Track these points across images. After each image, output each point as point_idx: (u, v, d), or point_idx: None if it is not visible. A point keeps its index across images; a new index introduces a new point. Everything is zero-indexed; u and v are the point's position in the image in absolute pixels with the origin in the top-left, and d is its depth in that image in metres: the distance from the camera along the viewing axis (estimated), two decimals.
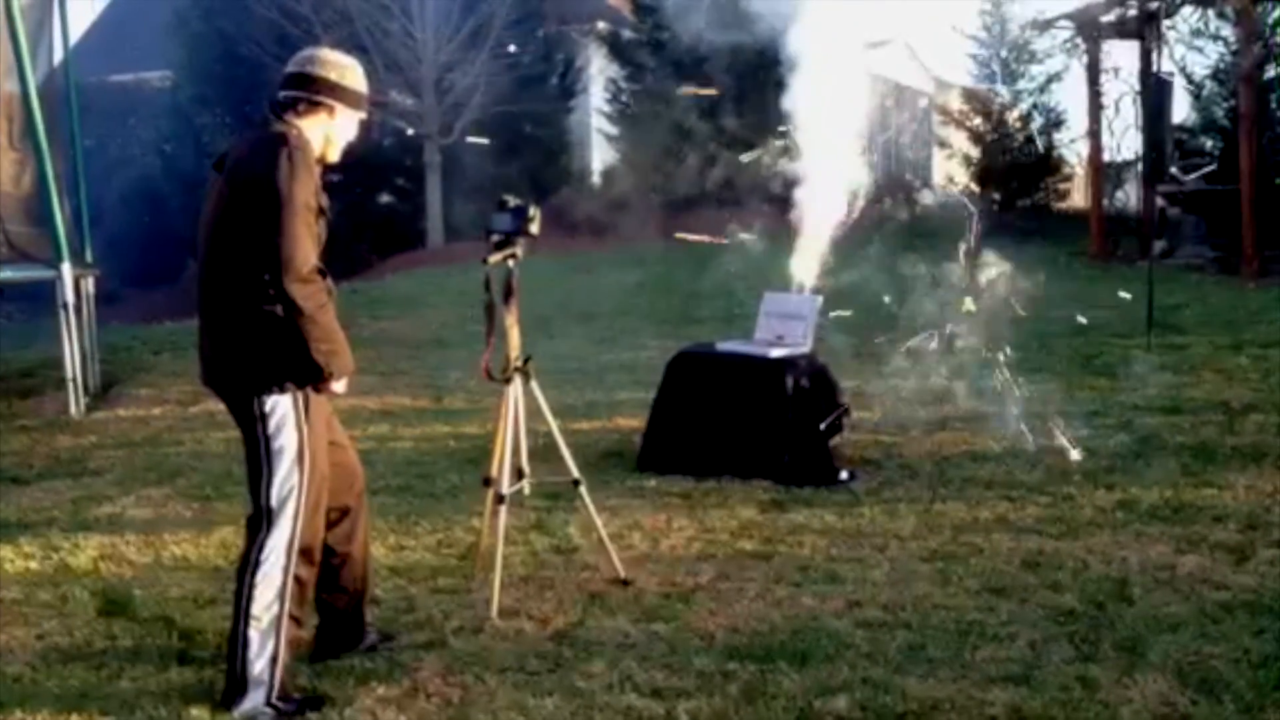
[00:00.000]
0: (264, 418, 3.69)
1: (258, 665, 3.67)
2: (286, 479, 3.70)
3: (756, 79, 15.77)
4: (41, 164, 9.33)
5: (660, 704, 3.72)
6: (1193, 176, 16.46)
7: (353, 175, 20.51)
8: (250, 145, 3.74)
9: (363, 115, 3.95)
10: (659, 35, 20.52)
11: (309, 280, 3.58)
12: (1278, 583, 4.66)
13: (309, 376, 3.68)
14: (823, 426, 6.43)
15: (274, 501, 3.70)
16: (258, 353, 3.66)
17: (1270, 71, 17.58)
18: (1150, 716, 3.57)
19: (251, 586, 3.67)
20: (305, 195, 3.59)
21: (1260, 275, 14.40)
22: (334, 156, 3.92)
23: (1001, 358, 7.38)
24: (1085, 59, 18.20)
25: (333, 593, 4.07)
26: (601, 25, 23.86)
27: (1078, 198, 23.32)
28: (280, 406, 3.68)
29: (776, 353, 6.64)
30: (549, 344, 11.04)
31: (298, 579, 3.74)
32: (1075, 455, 6.57)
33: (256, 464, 3.73)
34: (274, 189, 3.54)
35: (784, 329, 6.80)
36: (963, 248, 8.27)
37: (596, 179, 23.36)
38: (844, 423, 6.83)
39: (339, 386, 3.79)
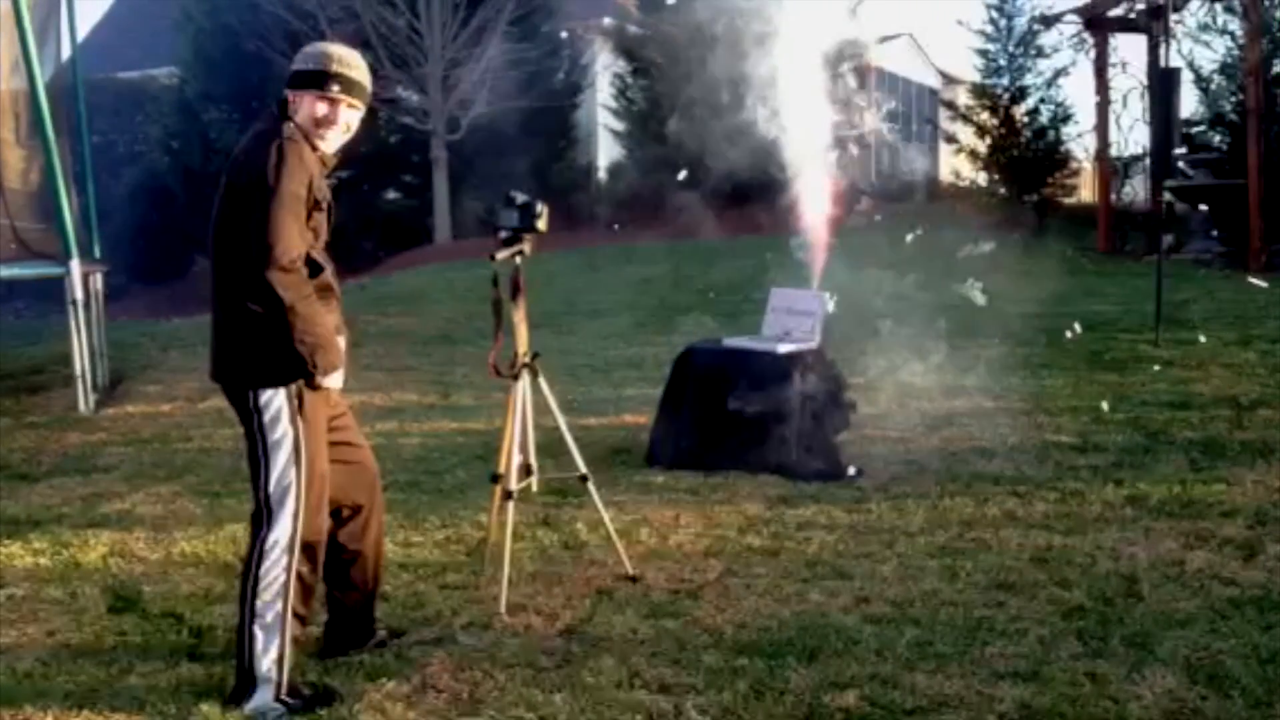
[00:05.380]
0: (259, 411, 3.69)
1: (264, 662, 3.68)
2: (284, 474, 3.70)
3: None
4: (49, 160, 9.35)
5: (669, 700, 3.72)
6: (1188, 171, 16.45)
7: (360, 172, 20.53)
8: (247, 139, 3.76)
9: (362, 110, 3.91)
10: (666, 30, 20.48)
11: (290, 270, 3.56)
12: None
13: (298, 370, 3.67)
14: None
15: (273, 495, 3.70)
16: (253, 346, 3.67)
17: (1278, 66, 17.53)
18: (1159, 712, 3.57)
19: (255, 584, 3.68)
20: (294, 186, 3.57)
21: (1267, 269, 14.37)
22: (330, 149, 3.87)
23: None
24: (1092, 54, 18.18)
25: (344, 590, 4.08)
26: (607, 21, 23.85)
27: (1085, 193, 23.29)
28: (275, 400, 3.68)
29: (784, 348, 6.64)
30: (557, 340, 11.05)
31: (300, 576, 3.75)
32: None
33: (255, 459, 3.74)
34: (263, 178, 3.55)
35: (792, 324, 6.80)
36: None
37: (603, 175, 23.36)
38: (851, 418, 6.83)
39: (330, 382, 3.76)
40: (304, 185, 3.62)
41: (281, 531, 3.70)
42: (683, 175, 8.54)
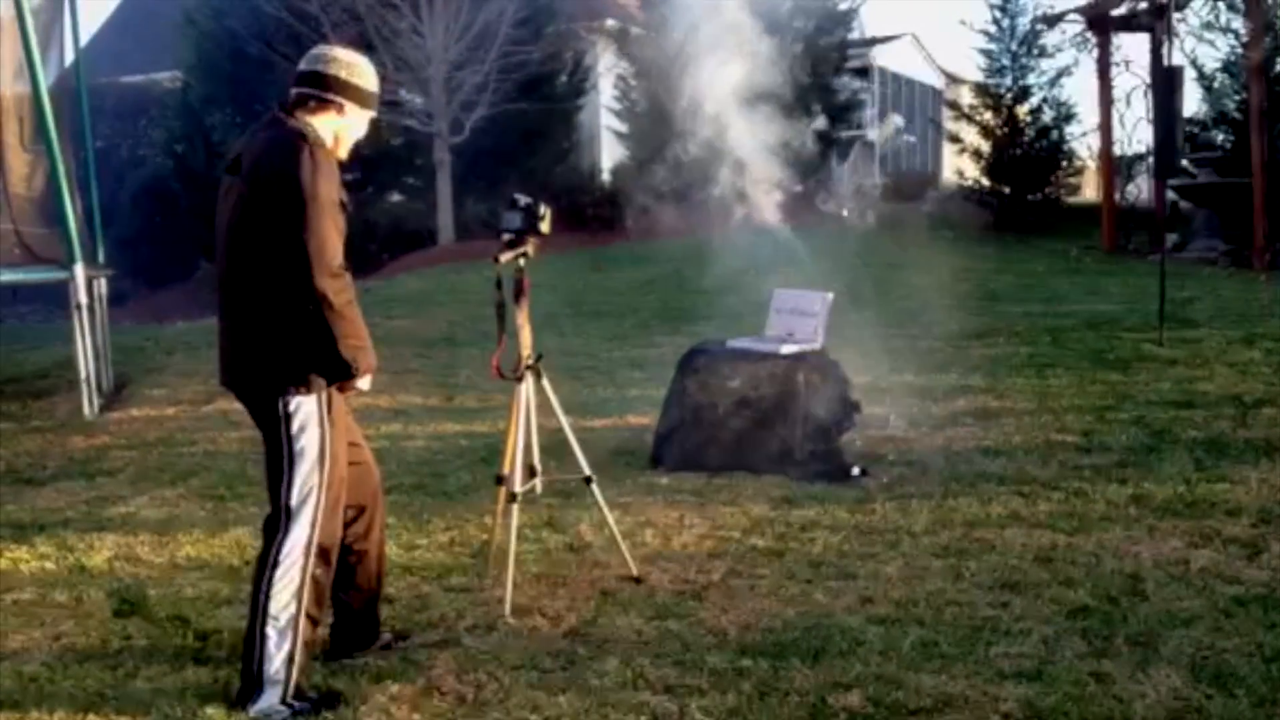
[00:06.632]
0: (288, 418, 3.69)
1: (274, 664, 3.68)
2: (307, 480, 3.71)
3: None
4: (53, 165, 9.36)
5: (673, 701, 3.73)
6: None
7: (363, 175, 20.55)
8: (267, 144, 3.73)
9: (373, 113, 3.96)
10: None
11: (338, 275, 3.60)
12: None
13: (336, 374, 3.69)
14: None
15: (294, 502, 3.71)
16: (282, 352, 3.67)
17: None
18: (1163, 711, 3.57)
19: (270, 586, 3.68)
20: (329, 191, 3.61)
21: (1271, 268, 14.36)
22: (343, 154, 3.91)
23: None
24: (1095, 53, 18.18)
25: (348, 591, 4.08)
26: (610, 22, 23.85)
27: (1089, 192, 23.28)
28: (305, 407, 3.69)
29: (788, 349, 6.64)
30: (560, 341, 11.05)
31: (315, 579, 3.75)
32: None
33: (278, 465, 3.73)
34: (298, 186, 3.55)
35: (795, 325, 6.80)
36: None
37: (606, 176, 23.36)
38: (855, 419, 6.83)
39: (364, 383, 3.80)
40: (336, 188, 3.65)
41: (300, 535, 3.71)
42: (679, 176, 8.59)
